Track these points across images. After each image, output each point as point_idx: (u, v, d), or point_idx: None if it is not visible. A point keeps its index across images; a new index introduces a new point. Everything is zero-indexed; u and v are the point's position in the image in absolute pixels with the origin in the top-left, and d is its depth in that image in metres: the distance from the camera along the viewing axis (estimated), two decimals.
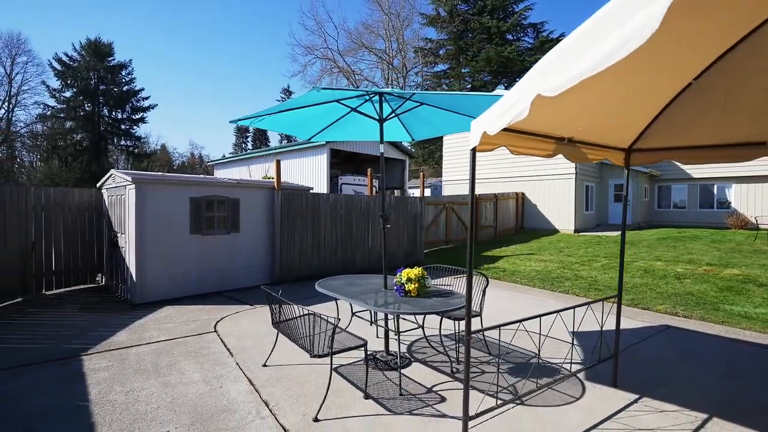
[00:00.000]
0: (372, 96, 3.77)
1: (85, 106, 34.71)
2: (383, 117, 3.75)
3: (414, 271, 3.40)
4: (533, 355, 3.86)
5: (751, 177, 16.78)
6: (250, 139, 56.04)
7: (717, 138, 2.93)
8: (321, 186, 16.82)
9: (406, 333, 4.45)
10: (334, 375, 3.36)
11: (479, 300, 3.84)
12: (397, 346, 3.83)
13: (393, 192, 20.11)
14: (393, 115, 3.98)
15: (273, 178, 7.45)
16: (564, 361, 3.73)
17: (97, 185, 7.11)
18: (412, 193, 21.19)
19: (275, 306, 3.37)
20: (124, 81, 36.44)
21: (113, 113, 36.50)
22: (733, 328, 4.92)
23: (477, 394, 3.03)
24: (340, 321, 2.86)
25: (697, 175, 18.31)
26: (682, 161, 3.15)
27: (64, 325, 4.76)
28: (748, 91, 2.53)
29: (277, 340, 3.76)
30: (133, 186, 5.70)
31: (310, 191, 8.01)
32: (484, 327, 2.58)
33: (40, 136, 35.14)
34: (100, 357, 3.80)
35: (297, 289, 6.69)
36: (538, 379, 3.29)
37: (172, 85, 77.36)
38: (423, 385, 3.28)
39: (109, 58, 35.58)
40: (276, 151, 20.37)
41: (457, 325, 4.11)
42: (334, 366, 3.51)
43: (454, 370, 3.59)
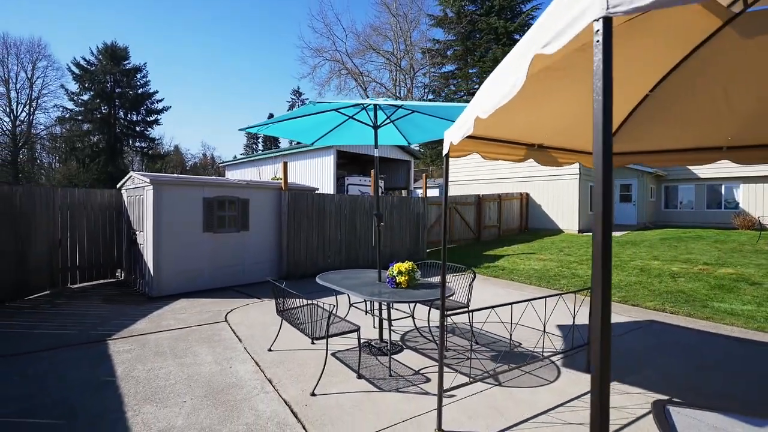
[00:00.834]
0: (366, 106, 4.13)
1: (102, 108, 35.87)
2: (377, 124, 4.10)
3: (404, 265, 3.74)
4: (517, 345, 4.17)
5: (761, 177, 16.66)
6: (260, 141, 57.00)
7: (678, 143, 3.21)
8: (328, 186, 17.23)
9: (400, 325, 4.79)
10: (331, 358, 3.73)
11: (466, 293, 4.16)
12: (389, 334, 4.17)
13: (399, 192, 20.45)
14: (388, 121, 4.35)
15: (281, 179, 7.85)
16: (544, 350, 4.03)
17: (117, 186, 7.60)
18: (419, 193, 21.47)
19: (280, 297, 3.75)
20: (139, 84, 37.54)
21: (128, 115, 37.66)
22: (716, 324, 5.12)
23: (461, 377, 3.36)
24: (337, 310, 3.20)
25: (704, 175, 18.22)
26: (648, 164, 3.43)
27: (89, 315, 5.22)
28: (701, 99, 2.82)
29: (281, 329, 4.15)
30: (151, 187, 6.14)
31: (316, 192, 8.40)
32: (459, 311, 2.90)
33: (59, 138, 36.39)
34: (123, 341, 4.23)
35: (302, 285, 7.04)
36: (519, 365, 3.59)
37: (184, 87, 79.04)
38: (411, 368, 3.62)
39: (125, 62, 36.70)
40: (285, 152, 20.88)
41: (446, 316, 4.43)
42: (332, 351, 3.89)
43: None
